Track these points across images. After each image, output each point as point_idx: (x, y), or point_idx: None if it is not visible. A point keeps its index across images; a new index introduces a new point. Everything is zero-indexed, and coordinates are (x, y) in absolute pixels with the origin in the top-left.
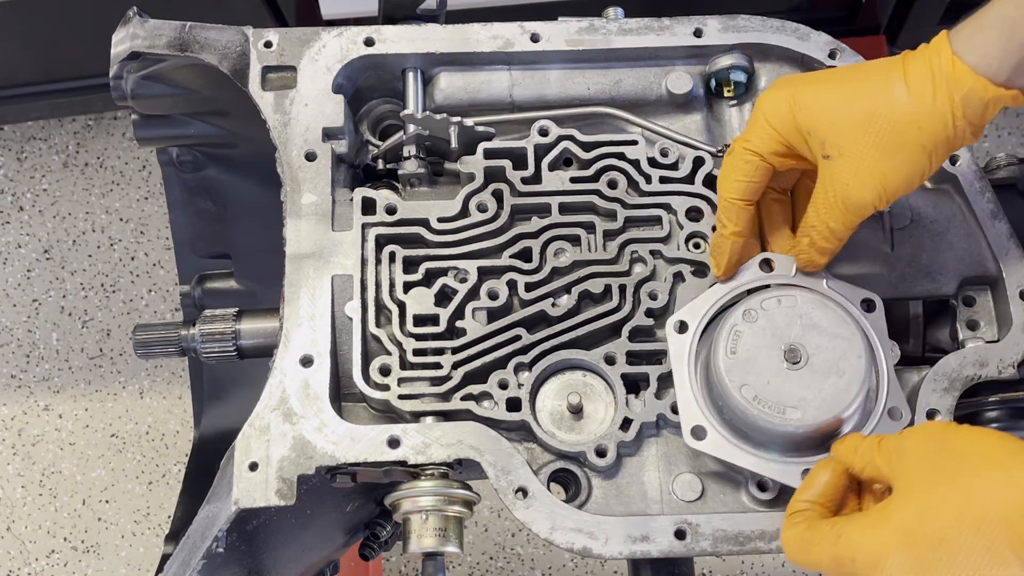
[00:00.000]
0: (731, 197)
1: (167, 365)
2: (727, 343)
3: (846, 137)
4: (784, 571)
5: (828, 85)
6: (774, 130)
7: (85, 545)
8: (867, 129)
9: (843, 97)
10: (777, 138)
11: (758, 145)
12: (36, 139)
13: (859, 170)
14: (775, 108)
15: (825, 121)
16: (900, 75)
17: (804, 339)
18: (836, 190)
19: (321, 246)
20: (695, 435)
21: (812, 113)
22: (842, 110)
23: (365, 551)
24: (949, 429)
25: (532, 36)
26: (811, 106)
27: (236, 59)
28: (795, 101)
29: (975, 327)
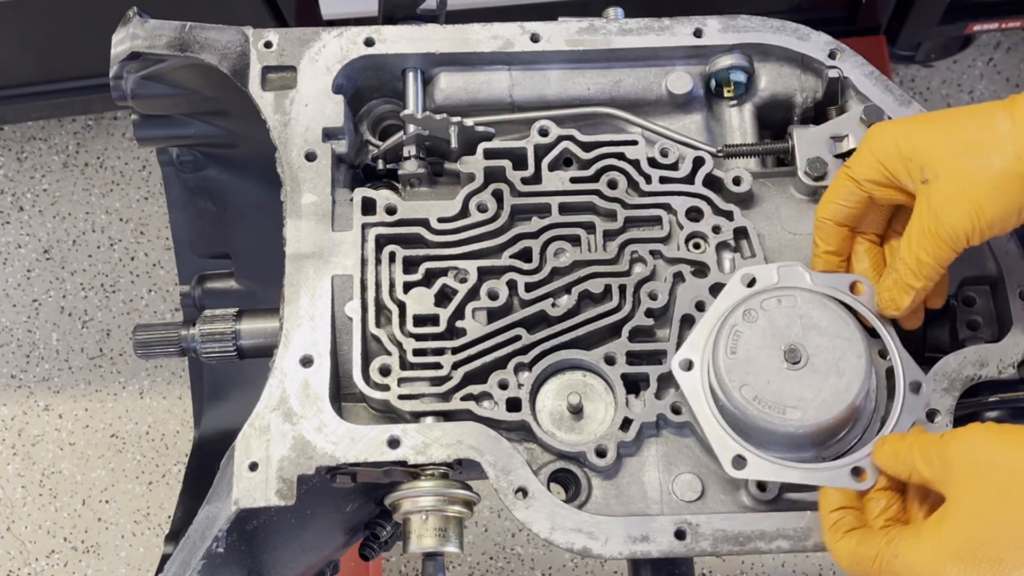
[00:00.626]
0: (822, 216)
1: (167, 365)
2: (727, 343)
3: (945, 162)
4: (784, 571)
5: (934, 118)
6: (876, 159)
7: (85, 545)
8: (967, 154)
9: (946, 127)
10: (877, 167)
11: (857, 172)
12: (36, 139)
13: (954, 194)
14: (880, 139)
15: (926, 147)
16: (1007, 110)
17: (804, 339)
18: (929, 216)
19: (321, 246)
20: (736, 466)
21: (914, 141)
22: (944, 137)
23: (365, 551)
24: (995, 435)
25: (532, 36)
26: (914, 135)
27: (236, 59)
28: (899, 132)
29: (975, 327)
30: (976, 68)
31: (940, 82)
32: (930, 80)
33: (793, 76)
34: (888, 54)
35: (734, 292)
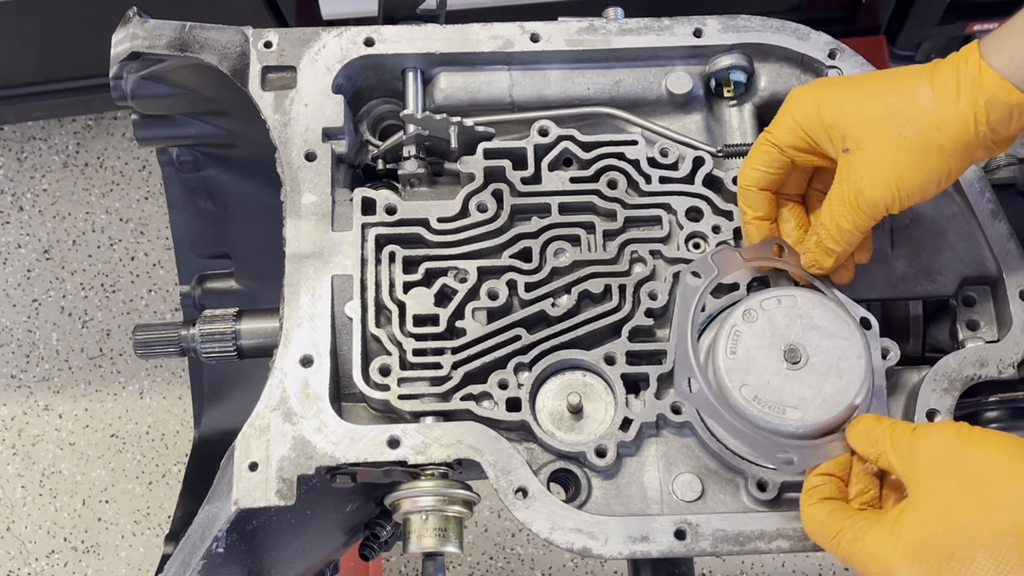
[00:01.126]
0: (747, 184)
1: (167, 365)
2: (727, 343)
3: (866, 132)
4: (784, 571)
5: (856, 84)
6: (797, 124)
7: (85, 545)
8: (888, 125)
9: (869, 95)
10: (799, 132)
11: (779, 138)
12: (36, 139)
13: (875, 165)
14: (801, 103)
15: (848, 115)
16: (927, 78)
17: (804, 339)
18: (850, 185)
19: (321, 246)
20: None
21: (836, 108)
22: (866, 106)
23: (365, 551)
24: (964, 434)
25: (532, 36)
26: (836, 102)
27: (236, 59)
28: (822, 97)
29: (975, 327)
30: None
31: None
32: None
33: (793, 76)
34: (888, 54)
35: (688, 291)
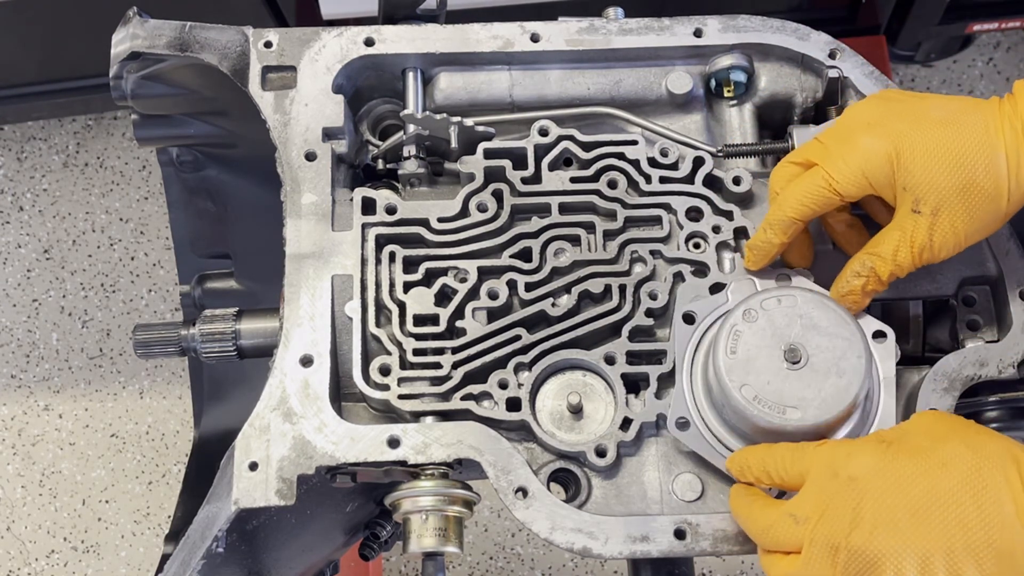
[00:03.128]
0: (792, 216)
1: (167, 365)
2: (727, 343)
3: (943, 201)
4: None
5: (932, 148)
6: (865, 179)
7: (85, 545)
8: (965, 196)
9: (947, 164)
10: (865, 186)
11: (844, 188)
12: (36, 139)
13: (949, 230)
14: (871, 158)
15: (924, 183)
16: (1002, 147)
17: (804, 339)
18: (920, 240)
19: (321, 246)
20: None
21: (913, 175)
22: (944, 176)
23: (365, 551)
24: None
25: (532, 36)
26: (913, 168)
27: (236, 59)
28: (899, 160)
29: (975, 327)
30: (976, 68)
31: (940, 82)
32: (930, 80)
33: (793, 76)
34: (888, 54)
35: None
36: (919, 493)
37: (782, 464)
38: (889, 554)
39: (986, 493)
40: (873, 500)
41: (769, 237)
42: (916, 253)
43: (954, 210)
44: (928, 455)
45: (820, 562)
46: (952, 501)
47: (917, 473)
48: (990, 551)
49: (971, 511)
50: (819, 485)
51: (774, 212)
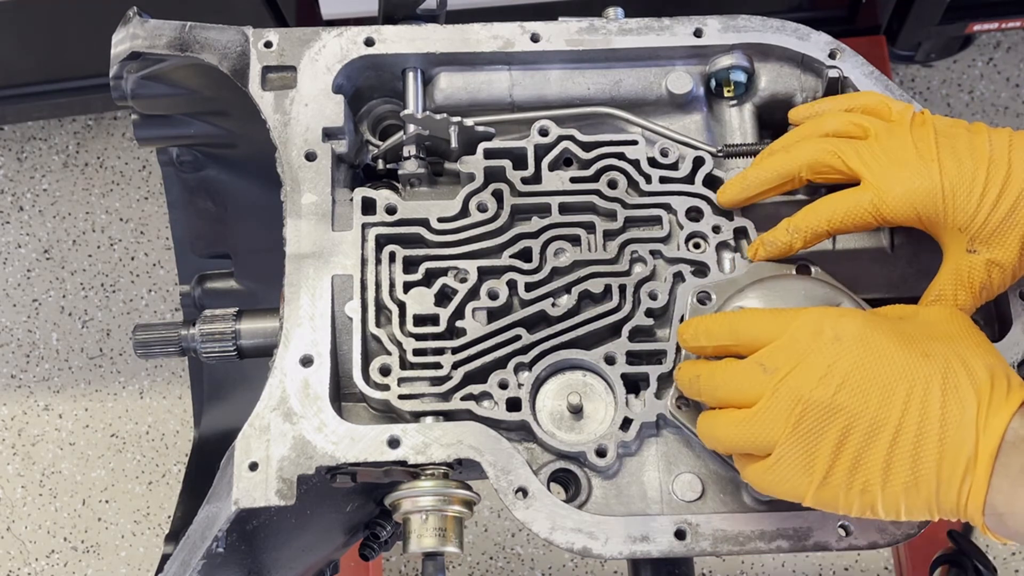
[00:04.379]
0: (827, 228)
1: (167, 365)
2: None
3: (998, 239)
4: (784, 571)
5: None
6: (916, 213)
7: (85, 545)
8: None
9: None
10: (915, 219)
11: (889, 216)
12: (36, 139)
13: (1004, 268)
14: (927, 194)
15: (978, 224)
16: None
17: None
18: (978, 284)
19: (321, 246)
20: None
21: (968, 213)
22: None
23: (365, 551)
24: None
25: (532, 36)
26: (967, 207)
27: (236, 59)
28: (955, 196)
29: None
30: (976, 68)
31: (940, 82)
32: (930, 80)
33: (793, 76)
34: (888, 54)
35: None
36: (894, 369)
37: (759, 324)
38: (844, 413)
39: (956, 393)
40: (848, 362)
41: (791, 241)
42: (977, 293)
43: (1012, 251)
44: (915, 341)
45: (777, 413)
46: (921, 385)
47: (898, 351)
48: (936, 444)
49: (935, 402)
50: (798, 339)
51: (807, 218)
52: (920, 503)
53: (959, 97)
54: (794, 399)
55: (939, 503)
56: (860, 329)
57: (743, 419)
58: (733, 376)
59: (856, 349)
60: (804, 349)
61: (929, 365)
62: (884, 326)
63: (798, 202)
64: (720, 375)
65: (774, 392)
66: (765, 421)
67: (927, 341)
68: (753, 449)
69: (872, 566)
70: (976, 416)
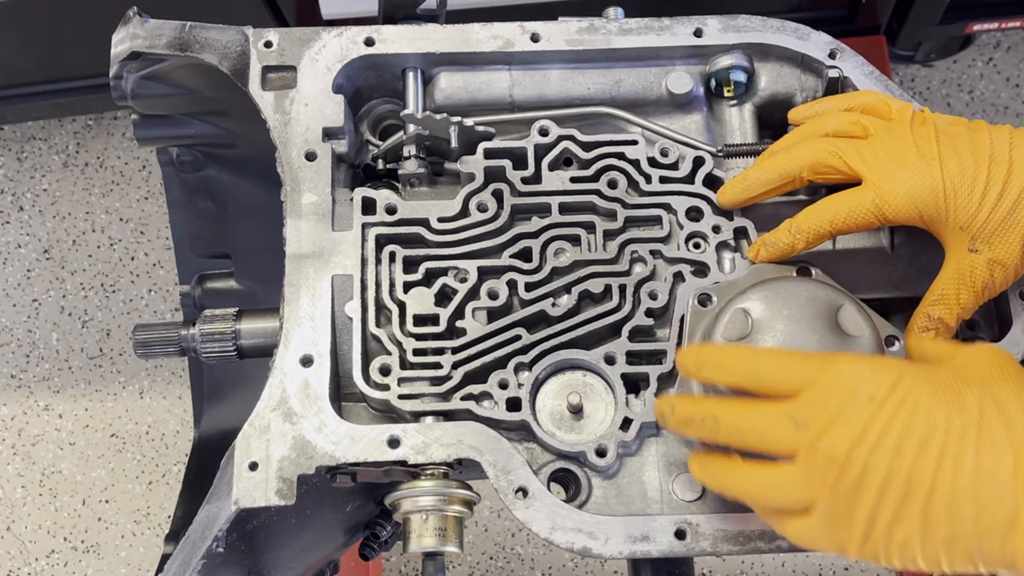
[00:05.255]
0: (829, 229)
1: (167, 365)
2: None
3: (999, 238)
4: (784, 571)
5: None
6: (919, 212)
7: (85, 545)
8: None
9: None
10: (917, 218)
11: (891, 216)
12: (36, 139)
13: (1006, 267)
14: (929, 193)
15: (980, 223)
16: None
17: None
18: (980, 283)
19: (321, 246)
20: None
21: (969, 212)
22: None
23: (365, 551)
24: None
25: (532, 36)
26: (968, 206)
27: (236, 59)
28: (958, 195)
29: (975, 327)
30: (976, 68)
31: (940, 82)
32: (930, 80)
33: (793, 76)
34: (888, 54)
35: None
36: (928, 423)
37: (784, 371)
38: (880, 472)
39: (991, 445)
40: (883, 422)
41: (793, 242)
42: (979, 292)
43: (1014, 253)
44: (950, 390)
45: (814, 473)
46: (955, 440)
47: (933, 404)
48: (972, 501)
49: (969, 456)
50: (830, 396)
51: (809, 219)
52: (962, 556)
53: (959, 97)
54: (829, 459)
55: (984, 557)
56: (894, 385)
57: (780, 479)
58: (762, 425)
59: (891, 407)
60: (838, 407)
61: (964, 416)
62: (918, 378)
63: (799, 202)
64: (745, 421)
65: (810, 451)
66: (804, 481)
67: (963, 388)
68: (789, 507)
69: (872, 566)
70: (1014, 468)
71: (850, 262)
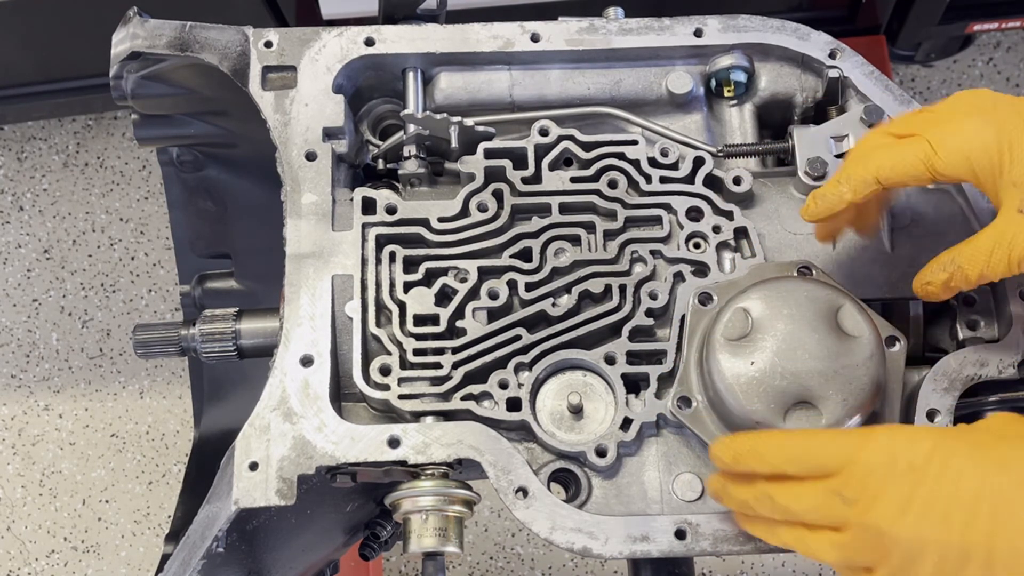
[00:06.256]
0: (875, 175)
1: (167, 365)
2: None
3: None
4: (784, 571)
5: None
6: (971, 167)
7: (85, 545)
8: None
9: None
10: (968, 174)
11: (944, 167)
12: (36, 139)
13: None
14: (983, 148)
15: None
16: None
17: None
18: (1019, 249)
19: (321, 246)
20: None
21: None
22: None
23: (365, 551)
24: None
25: (532, 36)
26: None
27: (236, 59)
28: (1012, 152)
29: (975, 327)
30: (976, 68)
31: (940, 82)
32: (930, 80)
33: (793, 76)
34: (888, 54)
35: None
36: (973, 488)
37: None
38: (933, 545)
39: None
40: (927, 490)
41: (842, 191)
42: (1014, 260)
43: None
44: (988, 451)
45: (868, 544)
46: (1004, 500)
47: (974, 467)
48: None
49: (1020, 516)
50: (871, 470)
51: (855, 167)
52: None
53: None
54: (879, 533)
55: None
56: (932, 451)
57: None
58: (814, 505)
59: (931, 474)
60: (880, 481)
61: (1008, 475)
62: (955, 440)
63: None
64: (799, 503)
65: (861, 524)
66: (861, 549)
67: (1001, 447)
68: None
69: None
70: None
71: (850, 263)
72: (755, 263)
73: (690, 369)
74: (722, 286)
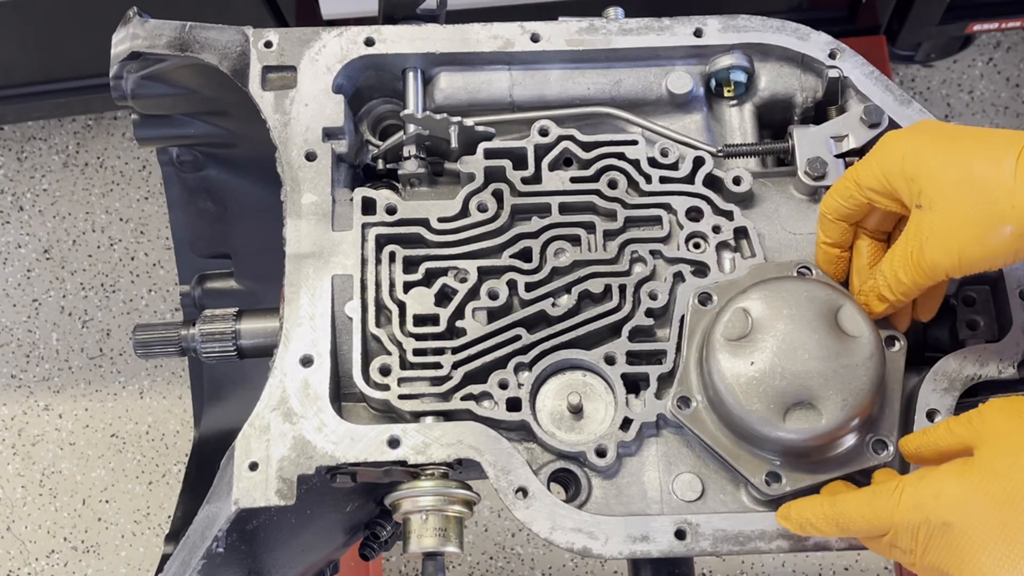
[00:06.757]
0: (823, 210)
1: (167, 365)
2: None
3: (940, 193)
4: (784, 571)
5: (946, 143)
6: (880, 170)
7: (85, 545)
8: (962, 191)
9: (955, 156)
10: (880, 178)
11: (861, 177)
12: (36, 139)
13: (942, 229)
14: (890, 150)
15: (927, 172)
16: (1016, 152)
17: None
18: (915, 242)
19: (321, 246)
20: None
21: (918, 162)
22: (946, 167)
23: (365, 551)
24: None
25: (532, 36)
26: (920, 155)
27: (236, 59)
28: (908, 148)
29: (975, 327)
30: (976, 68)
31: (940, 82)
32: (930, 80)
33: (793, 76)
34: (888, 54)
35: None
36: (1008, 519)
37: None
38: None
39: None
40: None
41: (820, 236)
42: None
43: (951, 207)
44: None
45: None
46: None
47: (1004, 500)
48: None
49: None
50: (914, 529)
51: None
52: None
53: (959, 97)
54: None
55: None
56: (961, 503)
57: None
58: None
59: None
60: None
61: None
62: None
63: None
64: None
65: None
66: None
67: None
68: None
69: (872, 566)
70: None
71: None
72: (755, 263)
73: (690, 369)
74: (722, 286)
